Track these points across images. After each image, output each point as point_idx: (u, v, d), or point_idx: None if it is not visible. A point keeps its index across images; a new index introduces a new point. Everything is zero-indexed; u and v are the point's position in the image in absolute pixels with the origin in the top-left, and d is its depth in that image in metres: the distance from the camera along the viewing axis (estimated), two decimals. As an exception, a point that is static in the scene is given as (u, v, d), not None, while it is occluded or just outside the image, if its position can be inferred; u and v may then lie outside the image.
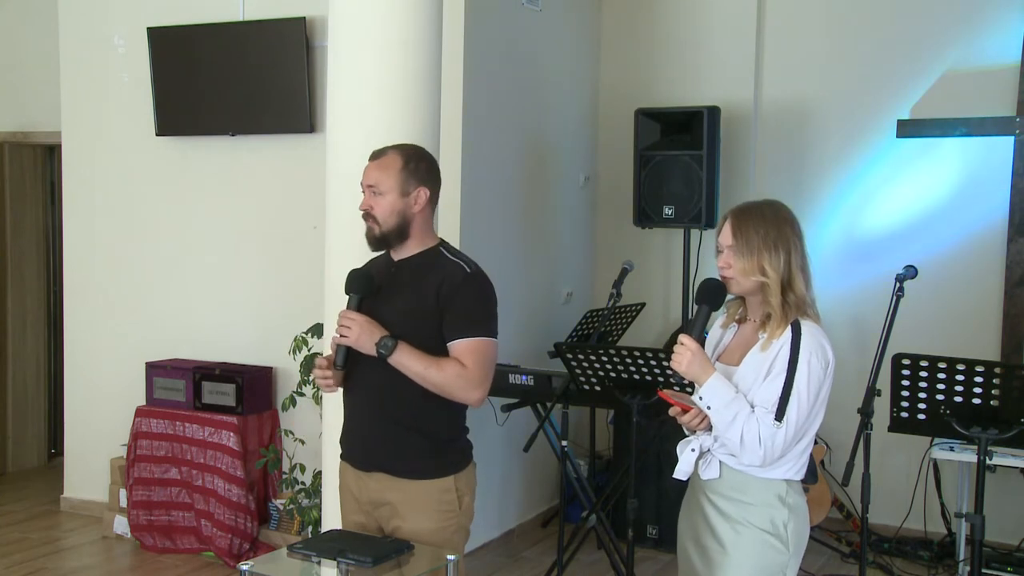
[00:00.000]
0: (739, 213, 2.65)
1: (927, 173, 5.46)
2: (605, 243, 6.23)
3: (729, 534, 2.62)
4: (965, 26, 5.36)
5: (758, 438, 2.49)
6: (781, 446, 2.51)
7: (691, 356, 2.57)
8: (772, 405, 2.51)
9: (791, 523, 2.60)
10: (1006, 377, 3.16)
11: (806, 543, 2.68)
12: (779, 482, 2.59)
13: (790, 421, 2.50)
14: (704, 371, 2.56)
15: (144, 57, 5.48)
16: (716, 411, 2.53)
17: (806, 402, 2.52)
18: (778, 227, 2.59)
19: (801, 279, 2.59)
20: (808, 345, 2.53)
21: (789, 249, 2.58)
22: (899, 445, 4.95)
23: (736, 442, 2.52)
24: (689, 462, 2.68)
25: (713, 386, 2.54)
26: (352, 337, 2.78)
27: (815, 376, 2.53)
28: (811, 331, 2.56)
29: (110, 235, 5.76)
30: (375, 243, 2.90)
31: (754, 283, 2.59)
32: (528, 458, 5.15)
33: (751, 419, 2.50)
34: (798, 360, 2.51)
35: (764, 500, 2.59)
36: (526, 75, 5.49)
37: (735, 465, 2.60)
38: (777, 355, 2.54)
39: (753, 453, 2.51)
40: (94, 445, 5.73)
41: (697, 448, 2.66)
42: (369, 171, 2.88)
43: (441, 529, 2.86)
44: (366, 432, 2.91)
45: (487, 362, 2.81)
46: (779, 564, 2.60)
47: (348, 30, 3.65)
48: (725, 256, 2.63)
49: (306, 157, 5.14)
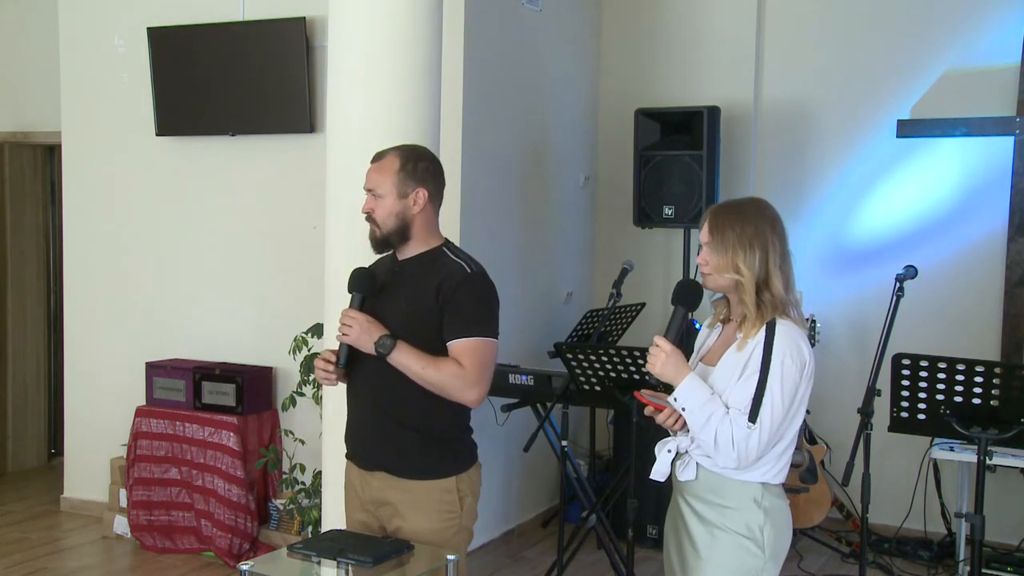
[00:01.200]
0: (717, 210, 2.64)
1: (927, 173, 5.46)
2: (605, 243, 6.23)
3: (704, 537, 2.59)
4: (965, 26, 5.36)
5: (731, 440, 2.46)
6: (756, 448, 2.47)
7: (665, 357, 2.55)
8: (745, 406, 2.48)
9: (767, 527, 2.56)
10: (1006, 377, 3.16)
11: (787, 548, 2.63)
12: (755, 485, 2.55)
13: (763, 423, 2.46)
14: (679, 372, 2.54)
15: (144, 57, 5.48)
16: (691, 412, 2.51)
17: (780, 404, 2.47)
18: (756, 225, 2.56)
19: (779, 279, 2.54)
20: (782, 345, 2.49)
21: (766, 247, 2.54)
22: (899, 445, 4.94)
23: (710, 443, 2.49)
24: (665, 463, 2.65)
25: (688, 387, 2.52)
26: (352, 336, 2.79)
27: (789, 377, 2.48)
28: (786, 331, 2.51)
29: (110, 235, 5.76)
30: (377, 245, 2.91)
31: (729, 280, 2.57)
32: (528, 458, 5.15)
33: (725, 420, 2.47)
34: (771, 361, 2.48)
35: (740, 503, 2.56)
36: (526, 75, 5.50)
37: (711, 467, 2.57)
38: (751, 355, 2.51)
39: (727, 455, 2.48)
40: (94, 445, 5.73)
41: (674, 449, 2.64)
42: (369, 174, 2.90)
43: (442, 529, 2.86)
44: (368, 431, 2.92)
45: (485, 362, 2.80)
46: (754, 568, 2.56)
47: (348, 30, 3.65)
48: (703, 253, 2.63)
49: (306, 157, 5.15)
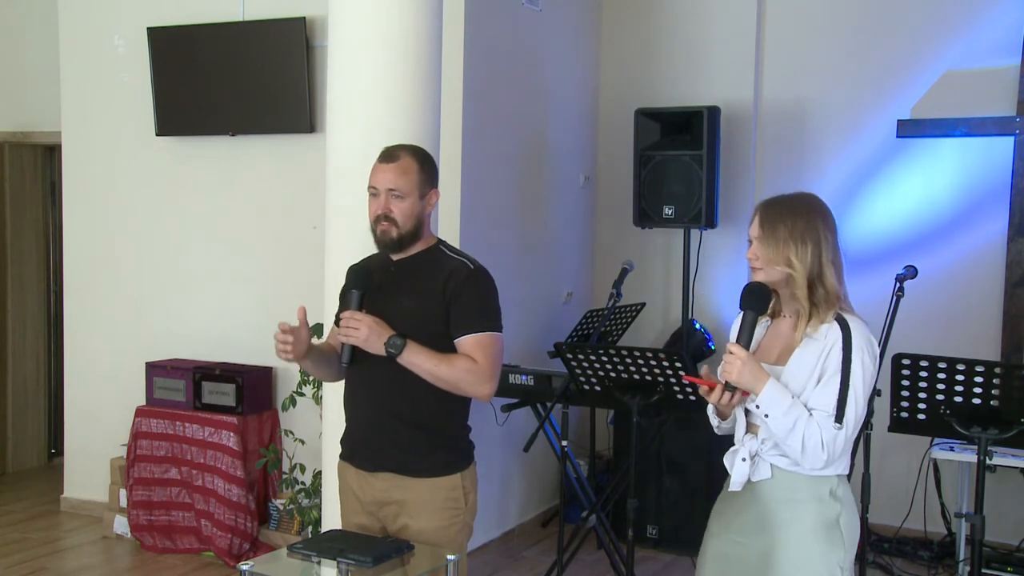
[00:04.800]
0: (768, 204, 2.62)
1: (927, 173, 5.46)
2: (605, 243, 6.23)
3: (784, 533, 2.58)
4: (965, 26, 5.36)
5: (821, 443, 2.47)
6: (843, 446, 2.51)
7: (741, 364, 2.52)
8: (832, 408, 2.48)
9: (843, 516, 2.58)
10: (1006, 377, 3.15)
11: (859, 535, 2.65)
12: (832, 478, 2.57)
13: (849, 421, 2.48)
14: (757, 379, 2.51)
15: (144, 57, 5.48)
16: (775, 419, 2.50)
17: (863, 399, 2.50)
18: (807, 219, 2.55)
19: (832, 272, 2.55)
20: (859, 343, 2.51)
21: (819, 241, 2.54)
22: (899, 445, 4.94)
23: (797, 449, 2.49)
24: (743, 472, 2.62)
25: (770, 394, 2.50)
26: (361, 337, 2.77)
27: (868, 373, 2.51)
28: (859, 328, 2.53)
29: (110, 235, 5.76)
30: (392, 245, 2.88)
31: (780, 274, 2.56)
32: (528, 458, 5.15)
33: (811, 424, 2.48)
34: (852, 360, 2.49)
35: (817, 496, 2.56)
36: (526, 75, 5.49)
37: (786, 465, 2.58)
38: (829, 355, 2.51)
39: (816, 457, 2.49)
40: (94, 445, 5.73)
41: (747, 456, 2.61)
42: (386, 174, 2.85)
43: (447, 527, 2.87)
44: (371, 432, 2.91)
45: (496, 356, 2.83)
46: (837, 560, 2.56)
47: (348, 30, 3.65)
48: (753, 247, 2.60)
49: (306, 157, 5.15)
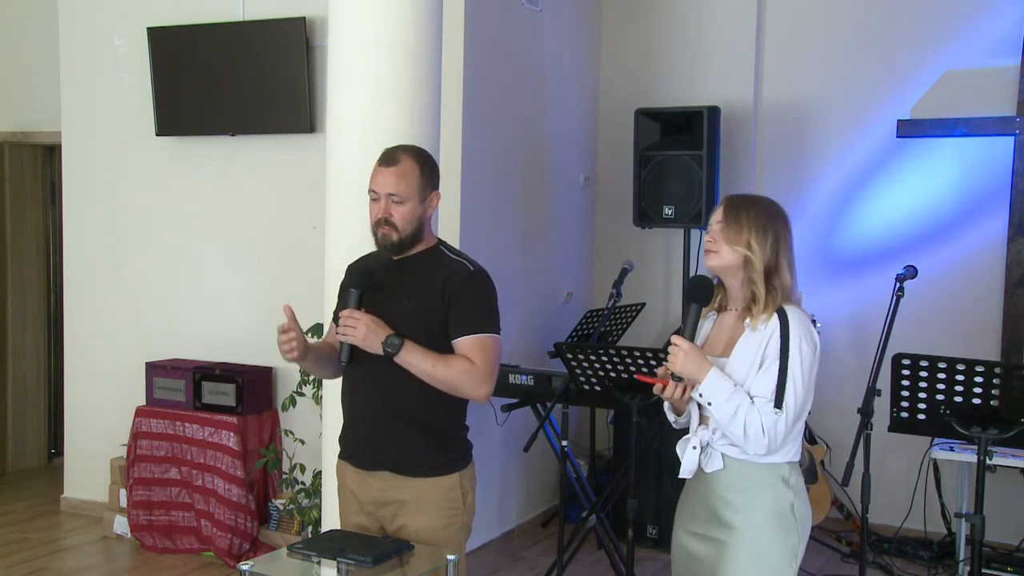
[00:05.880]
0: (733, 197, 2.73)
1: (927, 173, 5.46)
2: (605, 243, 6.23)
3: (739, 522, 2.63)
4: (965, 26, 5.36)
5: (762, 428, 2.54)
6: (783, 432, 2.56)
7: (684, 355, 2.59)
8: (771, 394, 2.55)
9: (797, 503, 2.64)
10: (1006, 377, 3.16)
11: (811, 523, 2.72)
12: (782, 465, 2.63)
13: (789, 407, 2.55)
14: (700, 369, 2.58)
15: (144, 57, 5.48)
16: (717, 406, 2.56)
17: (801, 386, 2.56)
18: (769, 215, 2.65)
19: (787, 270, 2.63)
20: (796, 331, 2.57)
21: (779, 237, 2.63)
22: (899, 445, 4.94)
23: (740, 435, 2.56)
24: (693, 460, 2.69)
25: (712, 382, 2.57)
26: (359, 336, 2.77)
27: (807, 360, 2.57)
28: (798, 316, 2.60)
29: (110, 235, 5.76)
30: (393, 249, 2.87)
31: (739, 256, 2.62)
32: (528, 458, 5.15)
33: (752, 410, 2.55)
34: (789, 346, 2.56)
35: (769, 484, 2.62)
36: (526, 75, 5.49)
37: (737, 455, 2.63)
38: (768, 343, 2.58)
39: (758, 443, 2.55)
40: (94, 445, 5.72)
41: (698, 444, 2.68)
42: (386, 178, 2.83)
43: (446, 526, 2.88)
44: (370, 431, 2.91)
45: (494, 358, 2.83)
46: (791, 546, 2.63)
47: (348, 30, 3.65)
48: (713, 231, 2.67)
49: (306, 157, 5.14)
